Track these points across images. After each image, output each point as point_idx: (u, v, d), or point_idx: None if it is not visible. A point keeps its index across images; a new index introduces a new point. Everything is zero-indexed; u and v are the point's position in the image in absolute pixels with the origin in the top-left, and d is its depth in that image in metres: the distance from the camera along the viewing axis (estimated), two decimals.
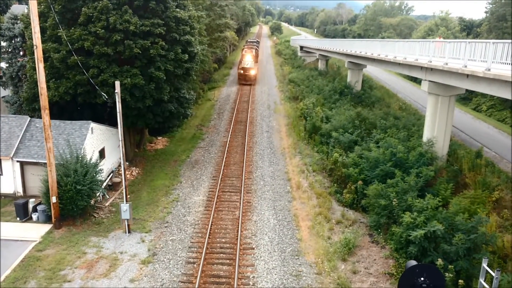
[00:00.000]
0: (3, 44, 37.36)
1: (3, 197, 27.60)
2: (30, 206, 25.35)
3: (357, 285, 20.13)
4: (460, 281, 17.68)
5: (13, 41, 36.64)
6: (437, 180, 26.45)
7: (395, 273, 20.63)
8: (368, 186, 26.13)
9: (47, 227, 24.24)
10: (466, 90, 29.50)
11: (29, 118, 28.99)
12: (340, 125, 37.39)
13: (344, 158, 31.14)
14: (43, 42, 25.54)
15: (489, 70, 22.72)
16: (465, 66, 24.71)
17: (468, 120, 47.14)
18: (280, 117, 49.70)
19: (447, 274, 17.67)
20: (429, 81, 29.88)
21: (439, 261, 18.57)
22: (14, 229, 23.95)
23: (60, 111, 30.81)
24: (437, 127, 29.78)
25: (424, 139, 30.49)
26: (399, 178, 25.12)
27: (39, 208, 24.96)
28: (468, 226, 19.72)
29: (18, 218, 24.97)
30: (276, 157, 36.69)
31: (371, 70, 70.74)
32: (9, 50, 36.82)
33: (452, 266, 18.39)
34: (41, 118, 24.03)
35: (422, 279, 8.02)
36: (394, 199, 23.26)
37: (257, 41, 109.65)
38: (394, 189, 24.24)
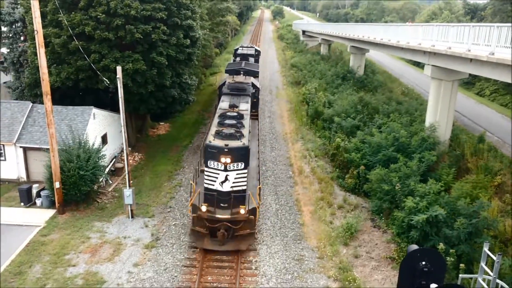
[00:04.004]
0: (4, 29, 37.12)
1: (6, 182, 27.74)
2: (34, 191, 25.52)
3: (358, 269, 20.29)
4: (461, 265, 17.80)
5: (13, 26, 36.40)
6: (440, 165, 26.46)
7: (396, 257, 20.78)
8: (370, 171, 26.17)
9: (51, 212, 24.41)
10: (469, 74, 29.31)
11: (31, 104, 28.97)
12: (342, 110, 37.28)
13: (346, 143, 31.13)
14: (43, 27, 25.37)
15: (493, 54, 22.54)
16: (469, 50, 24.53)
17: (471, 105, 46.93)
18: (282, 102, 49.56)
19: (448, 258, 17.78)
20: (432, 65, 29.69)
21: (441, 246, 18.68)
22: (19, 214, 24.13)
23: (62, 96, 30.76)
24: (440, 112, 29.67)
25: (427, 124, 30.41)
26: (401, 163, 25.13)
27: (42, 193, 25.11)
28: (470, 211, 19.79)
29: (22, 203, 25.14)
30: (278, 143, 36.68)
31: (373, 54, 70.22)
32: (10, 35, 36.59)
33: (454, 251, 18.50)
34: (43, 103, 24.02)
35: (423, 263, 8.06)
36: (397, 184, 23.30)
37: (255, 51, 48.93)
38: (396, 174, 24.27)
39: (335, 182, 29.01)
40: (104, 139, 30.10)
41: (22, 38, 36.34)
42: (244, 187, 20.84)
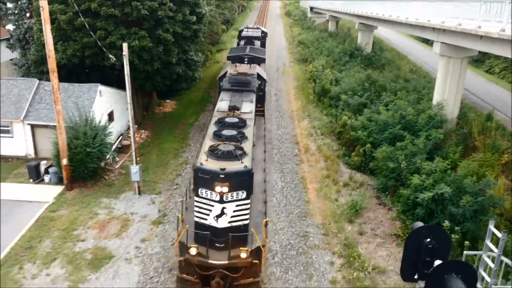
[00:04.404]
0: (9, 5, 36.92)
1: (16, 159, 28.01)
2: (42, 168, 25.77)
3: (363, 246, 20.46)
4: (466, 242, 17.88)
5: (19, 3, 36.14)
6: (446, 143, 26.34)
7: (401, 235, 20.90)
8: (377, 149, 26.11)
9: (59, 188, 24.70)
10: (479, 52, 28.85)
11: (37, 81, 29.01)
12: (349, 87, 37.00)
13: (353, 121, 31.01)
14: (49, 3, 25.17)
15: (503, 31, 22.14)
16: (479, 27, 24.09)
17: (480, 83, 46.40)
18: (289, 79, 49.24)
19: (453, 236, 17.86)
20: (441, 42, 29.25)
21: (446, 223, 18.74)
22: (28, 190, 24.45)
23: (68, 73, 30.74)
24: (448, 90, 29.38)
25: (434, 102, 30.16)
26: (408, 141, 25.04)
27: (50, 170, 25.36)
28: (476, 189, 19.76)
29: (31, 180, 25.43)
30: (284, 120, 36.61)
31: (382, 31, 69.29)
32: (15, 11, 36.40)
33: (459, 228, 18.56)
34: (49, 81, 24.04)
35: (428, 240, 8.09)
36: (403, 162, 23.27)
37: (262, 33, 44.83)
38: (402, 152, 24.21)
39: (341, 160, 29.01)
40: (110, 117, 30.19)
41: (27, 14, 36.15)
42: (246, 222, 16.01)
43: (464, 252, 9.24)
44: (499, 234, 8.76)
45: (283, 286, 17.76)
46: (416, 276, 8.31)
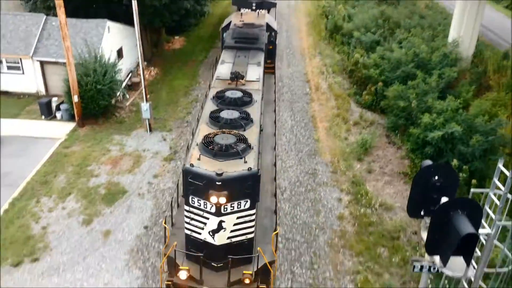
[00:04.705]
0: None
1: (27, 96, 28.17)
2: (53, 105, 25.96)
3: (371, 184, 20.78)
4: (473, 180, 18.06)
5: None
6: (460, 82, 25.87)
7: (409, 173, 21.13)
8: (388, 88, 25.81)
9: (71, 125, 25.00)
10: None
11: (44, 16, 28.48)
12: (362, 24, 35.95)
13: (365, 59, 30.43)
14: None
15: None
16: None
17: (499, 19, 44.71)
18: (301, 15, 47.84)
19: (461, 174, 18.01)
20: None
21: (454, 162, 18.84)
22: (40, 127, 24.80)
23: (75, 9, 29.95)
24: (465, 26, 28.38)
25: (450, 39, 29.28)
26: (420, 80, 24.64)
27: (62, 107, 25.56)
28: (487, 128, 19.68)
29: (43, 117, 25.71)
30: (295, 58, 36.00)
31: None
32: None
33: (467, 167, 18.68)
34: (56, 16, 23.62)
35: (436, 177, 8.20)
36: (414, 101, 23.05)
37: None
38: (414, 90, 23.91)
39: (352, 99, 28.79)
40: (119, 53, 29.86)
41: None
42: (251, 236, 12.58)
43: (471, 189, 9.38)
44: (507, 173, 8.84)
45: (291, 221, 18.30)
46: (422, 213, 8.51)
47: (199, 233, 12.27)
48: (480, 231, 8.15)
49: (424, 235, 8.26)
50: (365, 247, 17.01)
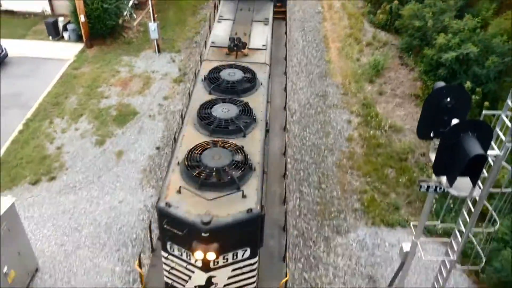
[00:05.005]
0: None
1: (33, 15, 27.58)
2: (60, 25, 25.47)
3: (382, 106, 20.67)
4: (485, 102, 17.82)
5: None
6: None
7: (421, 95, 20.89)
8: (404, 6, 24.76)
9: (79, 46, 24.69)
10: None
11: None
12: None
13: None
14: None
15: None
16: None
17: None
18: None
19: (473, 97, 17.77)
20: None
21: (468, 84, 18.51)
22: (48, 48, 24.57)
23: None
24: None
25: None
26: None
27: (69, 27, 25.09)
28: (504, 49, 19.04)
29: (50, 37, 25.34)
30: None
31: None
32: None
33: (480, 89, 18.38)
34: None
35: (448, 99, 8.09)
36: (430, 20, 22.19)
37: None
38: (431, 9, 22.90)
39: (365, 18, 27.79)
40: None
41: None
42: (252, 287, 9.41)
43: (483, 111, 9.28)
44: None
45: (301, 142, 18.50)
46: (432, 134, 8.51)
47: (183, 285, 9.25)
48: (489, 152, 8.16)
49: (433, 156, 8.31)
50: (373, 168, 17.29)
